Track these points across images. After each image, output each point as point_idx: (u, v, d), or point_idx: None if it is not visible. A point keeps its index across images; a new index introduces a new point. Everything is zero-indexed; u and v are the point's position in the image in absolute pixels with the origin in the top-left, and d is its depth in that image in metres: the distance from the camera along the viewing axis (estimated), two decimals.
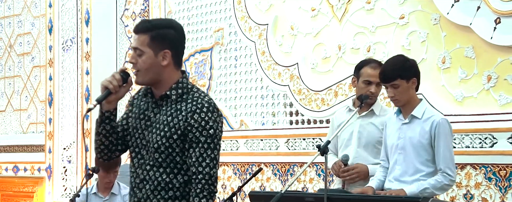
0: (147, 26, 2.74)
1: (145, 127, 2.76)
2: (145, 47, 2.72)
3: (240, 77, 6.05)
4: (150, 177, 2.72)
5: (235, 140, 6.04)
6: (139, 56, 2.73)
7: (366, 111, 3.95)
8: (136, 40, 2.74)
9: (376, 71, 3.86)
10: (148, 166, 2.72)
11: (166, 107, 2.73)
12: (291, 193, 3.59)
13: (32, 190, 7.82)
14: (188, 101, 2.71)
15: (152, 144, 2.71)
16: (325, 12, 5.42)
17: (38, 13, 7.97)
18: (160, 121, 2.71)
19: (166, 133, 2.68)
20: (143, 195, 2.73)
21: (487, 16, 4.40)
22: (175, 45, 2.75)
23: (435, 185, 3.39)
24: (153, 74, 2.73)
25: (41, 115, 7.84)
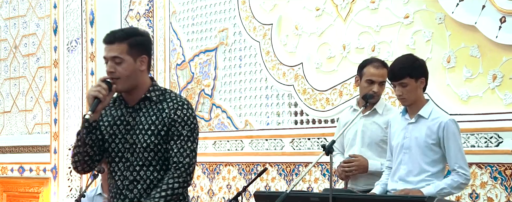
0: (122, 35, 2.89)
1: (126, 131, 2.89)
2: (125, 55, 2.86)
3: (245, 77, 6.05)
4: (142, 177, 2.85)
5: (240, 140, 6.04)
6: (118, 64, 2.86)
7: (369, 110, 3.95)
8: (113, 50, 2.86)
9: (378, 70, 3.86)
10: (138, 167, 2.85)
11: (146, 108, 2.89)
12: (296, 193, 3.59)
13: (38, 190, 7.83)
14: (168, 100, 2.90)
15: (140, 144, 2.85)
16: (329, 12, 5.41)
17: (43, 14, 7.98)
18: (143, 122, 2.87)
19: (154, 131, 2.84)
20: (135, 195, 2.85)
21: (492, 15, 4.39)
22: (149, 51, 2.95)
23: (452, 185, 3.38)
24: (133, 81, 2.88)
25: (46, 116, 7.86)
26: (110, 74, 2.86)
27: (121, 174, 2.88)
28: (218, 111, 6.26)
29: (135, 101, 2.91)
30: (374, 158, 3.90)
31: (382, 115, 3.92)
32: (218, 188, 6.18)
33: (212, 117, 6.30)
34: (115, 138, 2.90)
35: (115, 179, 2.90)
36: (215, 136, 6.22)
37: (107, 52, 2.89)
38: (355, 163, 3.85)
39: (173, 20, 6.67)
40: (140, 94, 2.90)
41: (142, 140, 2.85)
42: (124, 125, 2.90)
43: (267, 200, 3.46)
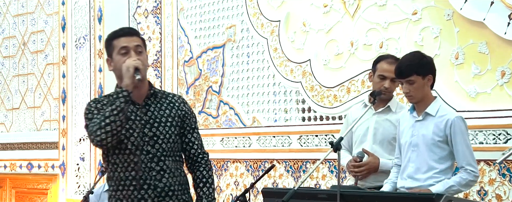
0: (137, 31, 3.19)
1: (142, 126, 3.03)
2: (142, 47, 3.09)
3: (252, 74, 6.05)
4: (167, 166, 3.03)
5: (247, 137, 6.05)
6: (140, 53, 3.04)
7: (383, 107, 3.93)
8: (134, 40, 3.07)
9: (391, 66, 3.83)
10: (163, 157, 3.03)
11: (154, 104, 3.08)
12: (304, 189, 3.58)
13: (46, 187, 7.87)
14: (170, 95, 3.16)
15: (163, 135, 3.04)
16: (337, 8, 5.40)
17: (51, 11, 8.00)
18: (158, 116, 3.06)
19: (172, 123, 3.07)
20: (165, 184, 3.02)
21: (500, 11, 4.37)
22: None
23: (461, 182, 3.37)
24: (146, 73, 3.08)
25: (55, 112, 7.88)
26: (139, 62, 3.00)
27: (146, 166, 3.00)
28: (226, 107, 6.27)
29: (142, 98, 3.07)
30: (384, 155, 3.88)
31: (396, 112, 3.90)
32: (225, 185, 6.19)
33: (220, 114, 6.31)
34: (133, 132, 3.02)
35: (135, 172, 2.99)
36: (222, 133, 6.22)
37: (128, 42, 3.04)
38: (365, 167, 3.84)
39: (181, 17, 6.68)
40: (145, 91, 3.08)
41: (164, 132, 3.04)
42: (138, 120, 3.03)
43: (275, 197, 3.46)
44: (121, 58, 3.01)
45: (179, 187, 3.07)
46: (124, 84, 2.95)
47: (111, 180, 3.07)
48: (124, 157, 3.02)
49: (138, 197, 2.99)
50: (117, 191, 3.04)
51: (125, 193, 3.01)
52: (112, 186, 3.06)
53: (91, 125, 2.96)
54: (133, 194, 2.99)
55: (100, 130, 2.91)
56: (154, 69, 6.90)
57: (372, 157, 3.84)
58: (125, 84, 2.94)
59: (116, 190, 3.04)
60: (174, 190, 3.04)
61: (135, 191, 2.99)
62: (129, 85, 2.94)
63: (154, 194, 2.99)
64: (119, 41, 3.05)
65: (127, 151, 3.01)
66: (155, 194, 3.00)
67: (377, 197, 3.24)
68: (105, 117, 2.91)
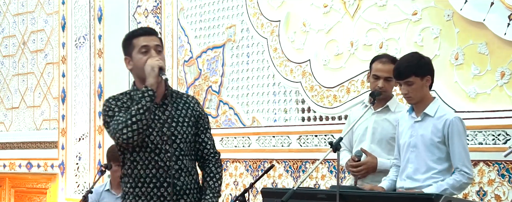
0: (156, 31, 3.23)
1: (160, 125, 3.09)
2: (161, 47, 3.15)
3: (252, 74, 6.05)
4: (185, 165, 3.11)
5: (247, 137, 6.05)
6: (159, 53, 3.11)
7: (381, 107, 3.93)
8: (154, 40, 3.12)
9: (385, 66, 3.84)
10: (181, 156, 3.10)
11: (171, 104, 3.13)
12: (303, 189, 3.58)
13: (45, 186, 7.87)
14: (184, 96, 3.23)
15: (181, 135, 3.11)
16: (337, 9, 5.40)
17: (51, 10, 8.00)
18: (175, 115, 3.12)
19: (189, 123, 3.14)
20: (183, 182, 3.10)
21: (500, 12, 4.37)
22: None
23: (454, 185, 3.37)
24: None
25: (54, 112, 7.88)
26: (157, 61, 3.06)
27: (164, 165, 3.07)
28: (226, 107, 6.27)
29: (160, 97, 3.13)
30: (382, 155, 3.89)
31: (394, 112, 3.90)
32: (225, 185, 6.19)
33: (220, 114, 6.31)
34: (152, 131, 3.07)
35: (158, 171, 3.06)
36: (222, 133, 6.22)
37: (149, 41, 3.10)
38: (363, 167, 3.84)
39: (181, 16, 6.68)
40: (162, 91, 3.13)
41: (182, 131, 3.11)
42: (157, 119, 3.09)
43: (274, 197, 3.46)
44: (142, 57, 3.07)
45: (194, 186, 3.15)
46: (149, 84, 3.01)
47: (129, 177, 3.11)
48: (145, 155, 3.07)
49: (158, 195, 3.06)
50: (135, 188, 3.08)
51: (144, 190, 3.07)
52: (130, 183, 3.11)
53: (114, 122, 3.01)
54: (153, 191, 3.06)
55: (127, 128, 2.96)
56: None
57: (370, 156, 3.84)
58: (150, 84, 3.01)
59: (134, 187, 3.09)
60: (191, 189, 3.12)
61: (154, 189, 3.06)
62: (153, 84, 3.01)
63: (174, 192, 3.06)
64: (139, 40, 3.10)
65: (148, 149, 3.07)
66: (174, 192, 3.06)
67: (376, 197, 3.24)
68: (132, 115, 2.97)
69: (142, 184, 3.08)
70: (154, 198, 3.06)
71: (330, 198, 3.28)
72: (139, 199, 3.07)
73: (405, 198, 3.17)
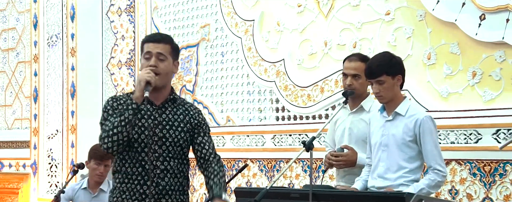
0: (167, 38, 3.27)
1: (154, 125, 3.17)
2: (168, 55, 3.20)
3: (227, 73, 6.04)
4: (171, 167, 3.18)
5: (221, 136, 6.03)
6: (161, 61, 3.18)
7: (356, 107, 3.93)
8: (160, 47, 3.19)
9: (351, 63, 3.85)
10: (168, 158, 3.18)
11: (171, 108, 3.24)
12: (276, 189, 3.59)
13: (17, 186, 7.77)
14: (188, 104, 3.32)
15: (172, 139, 3.19)
16: (311, 8, 5.42)
17: (22, 9, 7.91)
18: (172, 119, 3.21)
19: (183, 128, 3.22)
20: (167, 183, 3.17)
21: (472, 12, 4.42)
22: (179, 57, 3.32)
23: (430, 184, 3.40)
24: (167, 80, 3.23)
25: (26, 111, 7.80)
26: (153, 68, 3.14)
27: (151, 164, 3.15)
28: (200, 106, 6.25)
29: (161, 100, 3.22)
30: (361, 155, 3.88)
31: (369, 111, 3.90)
32: (199, 184, 6.18)
33: None
34: (144, 130, 3.16)
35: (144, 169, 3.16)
36: None
37: (153, 48, 3.18)
38: (342, 158, 3.83)
39: (154, 15, 6.64)
40: (165, 94, 3.23)
41: (174, 135, 3.19)
42: (152, 120, 3.17)
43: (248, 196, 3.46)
44: (145, 62, 3.18)
45: (179, 187, 3.22)
46: (134, 96, 3.10)
47: (119, 173, 3.22)
48: (134, 153, 3.16)
49: (140, 192, 3.16)
50: (122, 184, 3.20)
51: (129, 187, 3.17)
52: (118, 178, 3.22)
53: (102, 128, 3.14)
54: (136, 188, 3.16)
55: (107, 139, 3.08)
56: (127, 67, 6.86)
57: (352, 151, 3.85)
58: (135, 97, 3.09)
59: (121, 183, 3.20)
60: (174, 190, 3.19)
61: (138, 186, 3.16)
62: (139, 97, 3.08)
63: (155, 191, 3.15)
64: (146, 46, 3.21)
65: (139, 148, 3.16)
66: (156, 191, 3.15)
67: (348, 196, 3.26)
68: (114, 126, 3.08)
69: (128, 180, 3.18)
70: (136, 194, 3.16)
71: (303, 197, 3.28)
72: (123, 194, 3.18)
73: (378, 197, 3.19)
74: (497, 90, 4.32)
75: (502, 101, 4.29)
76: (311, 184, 3.31)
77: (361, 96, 3.89)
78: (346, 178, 3.91)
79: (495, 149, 4.27)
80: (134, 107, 3.09)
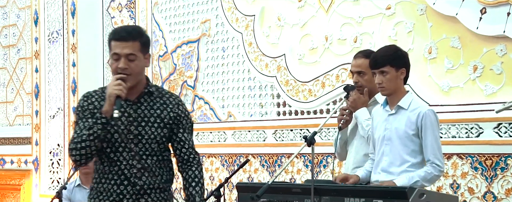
0: (135, 33, 3.04)
1: (129, 122, 3.03)
2: (138, 52, 3.01)
3: (227, 68, 6.04)
4: (149, 165, 3.04)
5: (222, 132, 6.04)
6: (132, 61, 2.99)
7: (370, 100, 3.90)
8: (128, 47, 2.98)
9: (355, 60, 3.86)
10: (144, 156, 3.03)
11: (147, 102, 3.07)
12: (278, 184, 3.59)
13: (19, 182, 7.79)
14: (167, 95, 3.13)
15: (148, 136, 3.04)
16: (311, 3, 5.41)
17: (23, 5, 7.91)
18: (148, 114, 3.05)
19: (159, 124, 3.06)
20: (144, 182, 3.04)
21: (472, 6, 4.41)
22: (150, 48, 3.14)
23: (425, 177, 3.40)
24: (140, 76, 3.06)
25: (28, 107, 7.80)
26: (123, 71, 2.98)
27: (127, 163, 3.02)
28: (201, 102, 6.25)
29: (135, 95, 3.06)
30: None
31: None
32: None
33: (195, 109, 6.29)
34: (117, 128, 3.01)
35: (120, 168, 3.03)
36: (197, 128, 6.19)
37: (121, 49, 2.98)
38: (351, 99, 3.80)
39: (155, 11, 6.64)
40: (140, 89, 3.06)
41: (150, 132, 3.04)
42: (126, 116, 3.02)
43: (249, 191, 3.46)
44: (113, 63, 3.01)
45: (158, 185, 3.07)
46: (104, 110, 2.95)
47: (96, 173, 3.12)
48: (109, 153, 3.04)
49: (117, 192, 3.03)
50: (99, 184, 3.08)
51: (106, 187, 3.05)
52: (96, 178, 3.10)
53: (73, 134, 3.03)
54: (113, 188, 3.04)
55: (76, 151, 2.97)
56: None
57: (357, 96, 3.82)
58: (104, 110, 2.95)
59: (98, 183, 3.09)
60: (152, 189, 3.06)
61: (115, 186, 3.04)
62: (108, 112, 2.94)
63: (132, 191, 3.03)
64: (114, 45, 3.00)
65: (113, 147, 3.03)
66: (134, 191, 3.03)
67: (350, 191, 3.26)
68: (82, 139, 2.96)
69: (105, 180, 3.06)
70: (113, 195, 3.04)
71: (305, 192, 3.29)
72: (100, 194, 3.07)
73: (379, 191, 3.19)
74: (498, 84, 4.32)
75: (503, 94, 4.28)
76: (312, 179, 3.32)
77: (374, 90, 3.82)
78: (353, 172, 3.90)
79: (497, 143, 4.28)
80: (104, 121, 2.94)
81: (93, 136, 2.95)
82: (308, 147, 3.26)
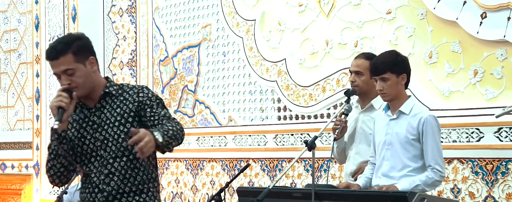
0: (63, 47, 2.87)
1: (93, 130, 2.93)
2: (74, 64, 2.86)
3: (228, 73, 6.04)
4: (116, 168, 2.90)
5: (223, 136, 6.04)
6: (71, 75, 2.86)
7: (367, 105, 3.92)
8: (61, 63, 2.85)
9: (355, 60, 3.90)
10: (111, 159, 2.90)
11: (109, 104, 2.94)
12: (279, 188, 3.59)
13: (20, 187, 7.78)
14: (127, 90, 2.96)
15: (111, 137, 2.90)
16: (312, 8, 5.42)
17: (24, 10, 7.92)
18: (109, 117, 2.92)
19: (121, 121, 2.90)
20: (113, 188, 2.91)
21: (473, 11, 4.42)
22: (93, 51, 2.96)
23: (426, 182, 3.40)
24: (90, 83, 2.91)
25: (29, 112, 7.80)
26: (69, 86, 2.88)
27: (96, 171, 2.93)
28: (202, 106, 6.25)
29: (95, 101, 2.96)
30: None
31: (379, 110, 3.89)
32: (201, 184, 6.18)
33: (196, 113, 6.29)
34: (84, 139, 2.94)
35: (90, 177, 2.95)
36: (198, 132, 6.21)
37: (55, 68, 2.87)
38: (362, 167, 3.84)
39: (156, 15, 6.65)
40: (98, 93, 2.95)
41: (113, 133, 2.90)
42: (90, 125, 2.94)
43: (250, 196, 3.47)
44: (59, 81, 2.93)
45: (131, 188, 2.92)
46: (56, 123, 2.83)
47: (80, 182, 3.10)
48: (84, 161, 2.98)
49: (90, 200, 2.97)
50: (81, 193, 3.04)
51: (84, 196, 3.01)
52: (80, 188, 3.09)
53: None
54: (86, 197, 2.99)
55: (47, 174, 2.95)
56: (129, 68, 6.87)
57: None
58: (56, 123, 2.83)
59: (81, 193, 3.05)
60: (123, 193, 2.92)
61: (88, 194, 2.98)
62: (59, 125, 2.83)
63: (102, 198, 2.93)
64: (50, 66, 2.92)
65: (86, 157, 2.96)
66: (103, 197, 2.93)
67: (350, 195, 3.26)
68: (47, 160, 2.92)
69: (82, 190, 3.02)
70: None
71: (306, 197, 3.29)
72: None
73: (380, 196, 3.19)
74: (498, 89, 4.32)
75: (503, 99, 4.28)
76: (313, 183, 3.31)
77: (370, 94, 3.87)
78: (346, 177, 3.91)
79: (498, 148, 4.28)
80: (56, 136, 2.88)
81: (53, 154, 2.91)
82: (309, 151, 3.26)
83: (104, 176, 2.91)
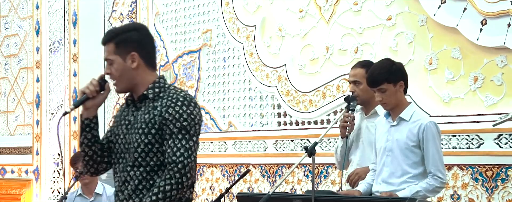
0: (110, 35, 2.80)
1: (127, 131, 2.80)
2: (113, 55, 2.77)
3: (228, 78, 6.05)
4: (131, 177, 2.74)
5: (223, 142, 6.04)
6: (111, 65, 2.78)
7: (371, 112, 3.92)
8: (105, 51, 2.79)
9: (353, 70, 3.93)
10: (129, 167, 2.75)
11: (144, 107, 2.77)
12: (279, 194, 3.59)
13: (20, 192, 7.77)
14: (164, 98, 2.74)
15: (133, 144, 2.74)
16: (312, 14, 5.43)
17: (25, 15, 7.93)
18: (138, 120, 2.75)
19: (144, 130, 2.71)
20: (125, 196, 2.76)
21: (473, 17, 4.42)
22: (140, 46, 2.79)
23: (427, 188, 3.40)
24: (128, 80, 2.78)
25: (29, 117, 7.80)
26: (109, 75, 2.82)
27: (117, 176, 2.82)
28: (202, 112, 6.25)
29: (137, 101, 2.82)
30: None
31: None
32: (201, 190, 6.18)
33: None
34: (118, 138, 2.82)
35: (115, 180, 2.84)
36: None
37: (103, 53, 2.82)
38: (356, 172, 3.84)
39: (156, 21, 6.66)
40: (140, 93, 2.79)
41: (134, 139, 2.73)
42: (126, 124, 2.81)
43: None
44: None
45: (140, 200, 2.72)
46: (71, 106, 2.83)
47: None
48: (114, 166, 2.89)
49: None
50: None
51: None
52: None
53: None
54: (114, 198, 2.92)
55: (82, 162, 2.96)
56: None
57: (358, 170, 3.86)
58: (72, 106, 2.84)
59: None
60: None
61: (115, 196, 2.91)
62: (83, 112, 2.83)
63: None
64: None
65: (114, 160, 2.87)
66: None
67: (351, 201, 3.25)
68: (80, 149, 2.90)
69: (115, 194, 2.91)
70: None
71: None
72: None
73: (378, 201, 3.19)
74: (498, 95, 4.33)
75: (503, 105, 4.29)
76: (313, 189, 3.31)
77: (372, 101, 3.85)
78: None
79: (498, 154, 4.28)
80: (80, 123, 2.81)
81: (83, 143, 2.84)
82: (309, 157, 3.26)
83: (121, 182, 2.78)
